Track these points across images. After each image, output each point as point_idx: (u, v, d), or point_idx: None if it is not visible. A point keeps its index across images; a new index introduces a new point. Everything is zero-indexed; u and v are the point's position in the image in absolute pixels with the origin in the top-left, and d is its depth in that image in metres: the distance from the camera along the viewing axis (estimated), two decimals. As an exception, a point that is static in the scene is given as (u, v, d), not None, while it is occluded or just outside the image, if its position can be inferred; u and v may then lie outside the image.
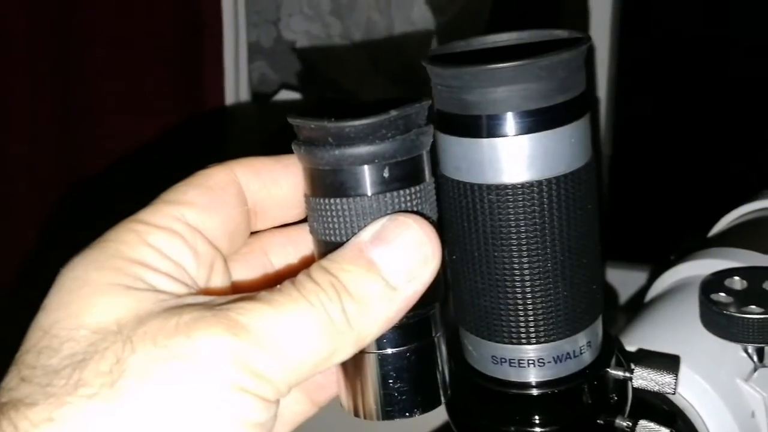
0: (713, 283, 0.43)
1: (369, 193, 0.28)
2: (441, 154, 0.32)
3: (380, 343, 0.29)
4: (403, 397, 0.29)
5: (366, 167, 0.28)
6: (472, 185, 0.31)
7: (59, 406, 0.22)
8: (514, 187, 0.30)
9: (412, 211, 0.28)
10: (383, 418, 0.30)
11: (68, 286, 0.25)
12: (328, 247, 0.28)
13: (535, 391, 0.33)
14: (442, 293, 0.30)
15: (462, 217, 0.32)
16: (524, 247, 0.31)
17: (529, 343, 0.33)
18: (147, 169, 0.87)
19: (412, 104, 0.28)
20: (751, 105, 1.05)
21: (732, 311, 0.41)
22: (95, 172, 0.95)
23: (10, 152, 0.98)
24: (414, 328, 0.29)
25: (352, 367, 0.30)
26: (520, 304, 0.32)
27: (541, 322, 0.32)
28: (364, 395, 0.30)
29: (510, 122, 0.29)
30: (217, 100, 0.95)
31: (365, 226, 0.27)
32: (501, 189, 0.30)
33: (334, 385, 0.32)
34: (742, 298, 0.41)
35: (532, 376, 0.33)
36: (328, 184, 0.28)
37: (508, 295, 0.32)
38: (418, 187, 0.29)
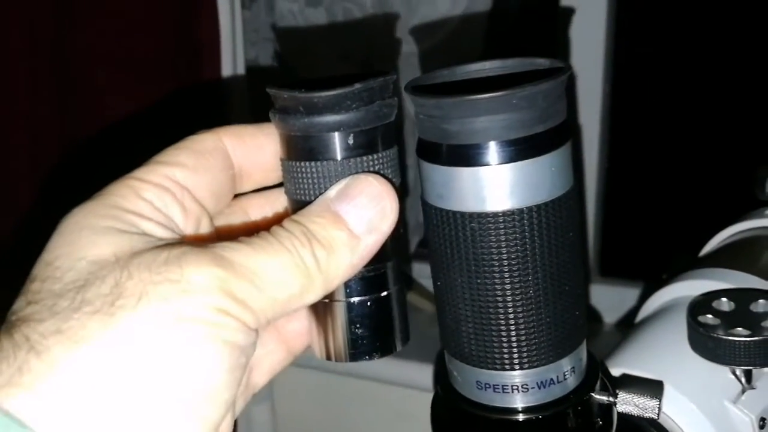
0: (701, 304, 0.43)
1: (336, 158, 0.31)
2: (423, 182, 0.32)
3: (346, 292, 0.32)
4: (365, 341, 0.33)
5: (333, 134, 0.31)
6: (454, 213, 0.31)
7: (65, 320, 0.25)
8: (495, 215, 0.30)
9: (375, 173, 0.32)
10: (349, 360, 0.33)
11: (70, 229, 0.28)
12: (299, 205, 0.31)
13: (520, 417, 0.34)
14: (398, 252, 0.34)
15: (445, 244, 0.32)
16: (507, 275, 0.31)
17: (513, 369, 0.33)
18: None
19: (376, 78, 0.31)
20: (745, 123, 1.06)
21: (719, 334, 0.41)
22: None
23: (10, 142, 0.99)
24: (374, 280, 0.33)
25: (323, 314, 0.33)
26: (504, 331, 0.32)
27: (525, 349, 0.32)
28: (334, 339, 0.33)
29: (491, 151, 0.30)
30: (217, 117, 0.95)
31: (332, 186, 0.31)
32: (483, 217, 0.31)
33: (307, 335, 0.35)
34: (729, 320, 0.42)
35: (517, 401, 0.34)
36: (299, 149, 0.31)
37: (492, 321, 0.32)
38: (380, 154, 0.32)
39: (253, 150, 0.34)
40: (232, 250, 0.27)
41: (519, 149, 0.30)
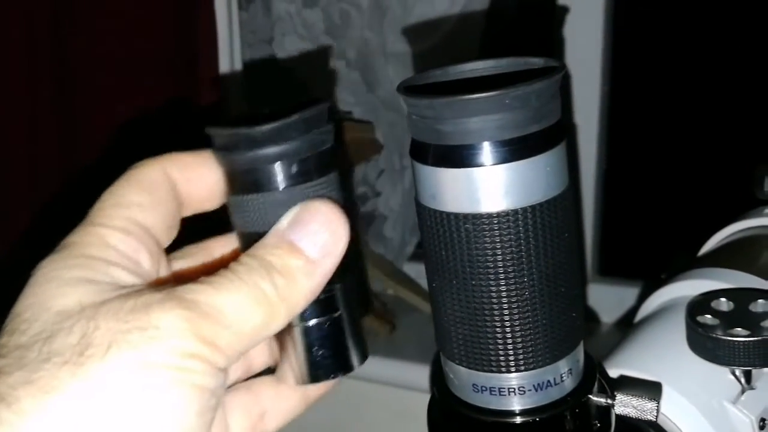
0: (700, 304, 0.43)
1: (281, 187, 0.32)
2: (417, 183, 0.32)
3: (303, 316, 0.33)
4: (326, 361, 0.34)
5: (275, 165, 0.32)
6: (448, 214, 0.31)
7: (35, 371, 0.25)
8: (490, 216, 0.30)
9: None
10: (311, 382, 0.34)
11: (38, 281, 0.29)
12: (250, 237, 0.32)
13: (517, 419, 0.33)
14: (353, 270, 0.34)
15: (439, 245, 0.32)
16: (502, 276, 0.31)
17: (509, 372, 0.32)
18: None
19: (311, 108, 0.32)
20: (743, 122, 1.05)
21: (718, 334, 0.40)
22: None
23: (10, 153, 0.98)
24: (327, 302, 0.33)
25: (284, 340, 0.34)
26: (499, 333, 0.32)
27: (521, 351, 0.32)
28: (296, 363, 0.34)
29: (485, 152, 0.29)
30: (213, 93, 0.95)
31: (281, 215, 0.31)
32: (477, 218, 0.30)
33: (322, 386, 0.35)
34: (728, 320, 0.41)
35: (514, 404, 0.33)
36: (244, 182, 0.32)
37: (487, 323, 0.32)
38: (324, 179, 0.33)
39: (194, 178, 0.34)
40: (195, 292, 0.27)
41: (513, 149, 0.29)
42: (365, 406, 1.14)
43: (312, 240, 0.30)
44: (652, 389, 0.36)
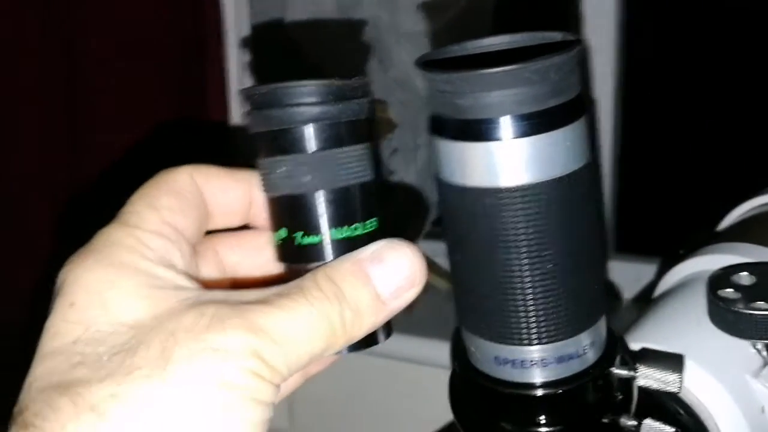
0: (721, 278, 0.43)
1: (312, 149, 0.32)
2: (436, 158, 0.32)
3: None
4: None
5: (311, 126, 0.32)
6: (469, 189, 0.31)
7: (118, 384, 0.26)
8: (510, 190, 0.30)
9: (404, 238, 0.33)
10: (348, 352, 0.34)
11: (95, 287, 0.29)
12: (280, 201, 0.33)
13: (539, 392, 0.33)
14: None
15: (461, 220, 0.32)
16: (524, 250, 0.31)
17: (531, 344, 0.33)
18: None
19: (351, 79, 0.32)
20: (761, 99, 1.04)
21: (740, 307, 0.40)
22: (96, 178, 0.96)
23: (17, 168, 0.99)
24: None
25: None
26: (521, 306, 0.32)
27: (543, 323, 0.32)
28: None
29: (505, 126, 0.29)
30: (220, 100, 0.95)
31: (310, 178, 0.32)
32: (498, 192, 0.30)
33: (321, 363, 0.36)
34: (750, 294, 0.41)
35: (536, 376, 0.33)
36: (277, 143, 0.32)
37: (509, 297, 0.32)
38: (356, 147, 0.33)
39: (218, 192, 0.35)
40: (265, 316, 0.28)
41: (533, 123, 0.29)
42: (384, 382, 1.16)
43: (388, 280, 0.31)
44: (674, 361, 0.36)
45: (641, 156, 1.09)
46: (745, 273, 0.42)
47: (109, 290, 0.29)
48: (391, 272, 0.31)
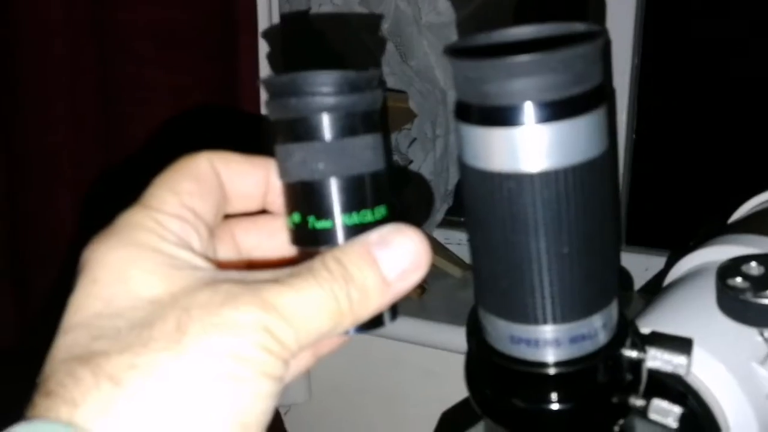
0: (730, 268, 0.44)
1: (328, 138, 0.33)
2: (461, 143, 0.33)
3: None
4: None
5: (326, 114, 0.33)
6: (491, 173, 0.32)
7: (137, 355, 0.28)
8: (531, 175, 0.31)
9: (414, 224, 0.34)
10: (355, 332, 0.35)
11: (117, 266, 0.31)
12: (294, 188, 0.34)
13: (551, 370, 0.35)
14: None
15: (481, 203, 0.33)
16: (542, 233, 0.32)
17: (545, 324, 0.34)
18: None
19: (360, 71, 0.33)
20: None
21: (748, 296, 0.42)
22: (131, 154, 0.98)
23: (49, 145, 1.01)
24: None
25: None
26: (537, 287, 0.33)
27: (558, 304, 0.33)
28: None
29: (528, 112, 0.31)
30: (253, 90, 0.97)
31: (324, 165, 0.33)
32: (519, 177, 0.31)
33: (331, 343, 0.38)
34: (758, 284, 0.42)
35: (549, 355, 0.35)
36: (293, 130, 0.34)
37: (526, 278, 0.33)
38: (369, 136, 0.34)
39: (237, 178, 0.36)
40: (276, 294, 0.30)
41: (555, 110, 0.31)
42: (398, 365, 1.18)
43: (394, 263, 0.32)
44: (683, 345, 0.37)
45: (653, 149, 1.10)
46: (754, 263, 0.44)
47: (129, 268, 0.30)
48: (397, 255, 0.32)
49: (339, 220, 0.34)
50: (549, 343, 0.34)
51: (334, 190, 0.34)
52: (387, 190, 0.35)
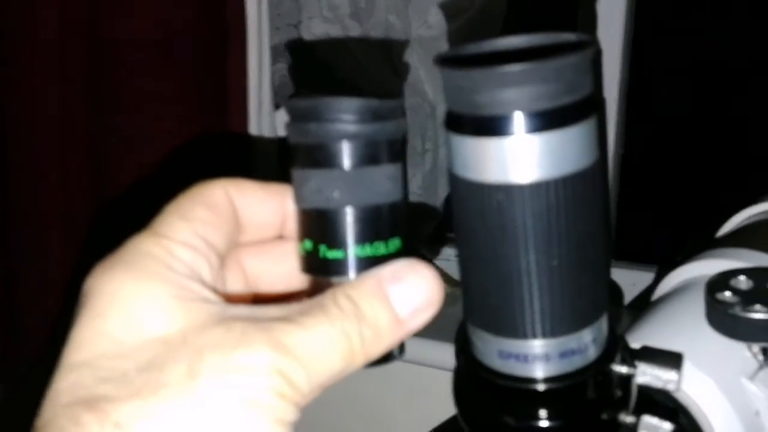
0: (719, 282, 0.44)
1: (347, 166, 0.33)
2: (451, 154, 0.33)
3: None
4: None
5: (347, 143, 0.32)
6: (481, 184, 0.32)
7: (146, 402, 0.26)
8: (521, 186, 0.31)
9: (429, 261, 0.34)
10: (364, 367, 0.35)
11: (123, 298, 0.29)
12: (309, 215, 0.34)
13: (540, 386, 0.34)
14: None
15: (471, 215, 0.33)
16: (531, 246, 0.32)
17: (534, 339, 0.33)
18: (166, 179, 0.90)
19: (384, 101, 0.33)
20: (760, 108, 1.05)
21: (737, 311, 0.41)
22: (122, 174, 0.97)
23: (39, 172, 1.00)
24: None
25: None
26: (527, 301, 0.33)
27: (548, 318, 0.33)
28: None
29: (519, 122, 0.30)
30: (241, 101, 0.96)
31: (340, 195, 0.33)
32: (509, 188, 0.31)
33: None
34: (747, 298, 0.42)
35: (538, 371, 0.34)
36: (312, 156, 0.33)
37: (515, 291, 0.33)
38: (389, 166, 0.34)
39: (252, 206, 0.35)
40: (289, 334, 0.29)
41: (546, 120, 0.30)
42: (384, 382, 1.17)
43: (407, 301, 0.31)
44: (673, 360, 0.36)
45: (640, 165, 1.10)
46: (743, 277, 0.43)
47: (135, 301, 0.29)
48: (410, 292, 0.32)
49: (351, 250, 0.33)
50: (538, 358, 0.34)
51: (349, 219, 0.33)
52: (403, 222, 0.35)
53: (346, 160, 0.33)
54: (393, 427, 1.20)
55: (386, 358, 0.33)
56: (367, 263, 0.33)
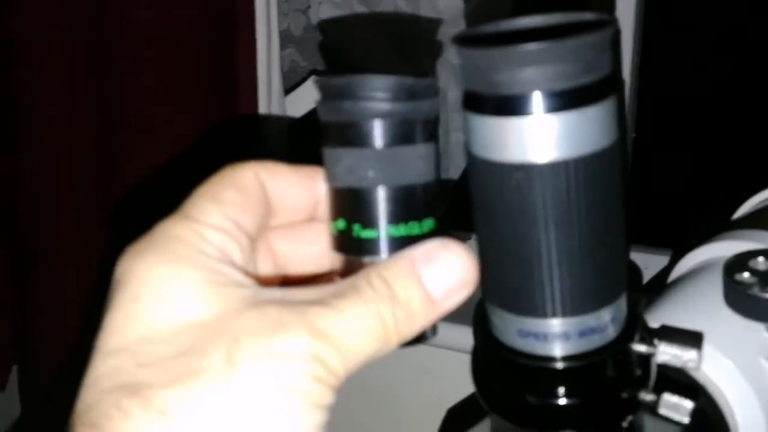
0: (737, 263, 0.44)
1: (380, 145, 0.32)
2: (469, 133, 0.33)
3: None
4: None
5: (382, 121, 0.32)
6: (500, 164, 0.32)
7: (188, 389, 0.27)
8: (540, 165, 0.31)
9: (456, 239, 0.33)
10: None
11: (156, 282, 0.29)
12: (341, 193, 0.33)
13: (559, 365, 0.34)
14: None
15: (490, 195, 0.33)
16: (551, 225, 0.32)
17: (554, 317, 0.33)
18: (182, 168, 0.90)
19: (419, 79, 0.32)
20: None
21: (756, 291, 0.41)
22: (132, 166, 0.97)
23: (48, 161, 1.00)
24: None
25: None
26: (546, 280, 0.33)
27: (567, 297, 0.33)
28: None
29: (538, 102, 0.30)
30: (251, 88, 0.96)
31: (374, 174, 0.32)
32: (528, 168, 0.31)
33: None
34: (765, 279, 0.42)
35: (557, 349, 0.34)
36: (345, 134, 0.33)
37: (535, 270, 0.33)
38: (422, 146, 0.33)
39: (284, 190, 0.35)
40: (324, 318, 0.29)
41: (565, 99, 0.30)
42: (398, 363, 1.17)
43: (440, 281, 0.31)
44: (693, 339, 0.36)
45: (653, 148, 1.10)
46: (762, 258, 0.43)
47: (170, 285, 0.29)
48: (443, 273, 0.31)
49: (385, 230, 0.33)
50: (558, 337, 0.34)
51: (382, 199, 0.33)
52: (436, 202, 0.35)
53: (380, 139, 0.32)
54: (408, 409, 1.21)
55: (419, 339, 0.33)
56: (401, 243, 0.33)
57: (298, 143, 1.04)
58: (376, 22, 1.02)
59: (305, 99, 1.04)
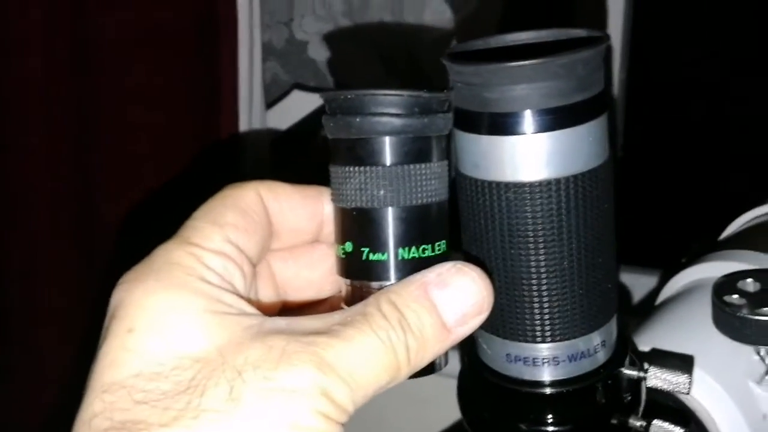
0: (726, 284, 0.43)
1: (389, 163, 0.30)
2: (459, 152, 0.32)
3: None
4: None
5: (392, 138, 0.30)
6: (490, 183, 0.31)
7: (187, 428, 0.25)
8: (531, 185, 0.30)
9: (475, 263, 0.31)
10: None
11: (155, 312, 0.28)
12: (348, 214, 0.31)
13: (548, 390, 0.33)
14: None
15: (480, 214, 0.32)
16: (541, 246, 0.31)
17: (543, 342, 0.33)
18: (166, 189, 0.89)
19: (430, 92, 0.31)
20: (762, 110, 1.05)
21: (745, 313, 0.41)
22: (112, 178, 0.96)
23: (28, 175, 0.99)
24: None
25: None
26: (536, 303, 0.32)
27: (557, 321, 0.32)
28: None
29: (529, 120, 0.30)
30: (232, 99, 0.95)
31: (384, 194, 0.30)
32: (519, 187, 0.30)
33: None
34: (755, 300, 0.41)
35: (546, 374, 0.33)
36: (353, 152, 0.31)
37: (524, 293, 0.32)
38: (435, 164, 0.31)
39: (287, 210, 0.33)
40: (332, 350, 0.27)
41: (557, 118, 0.30)
42: (386, 391, 1.16)
43: (454, 306, 0.29)
44: (684, 362, 0.36)
45: (641, 167, 1.10)
46: (751, 279, 0.43)
47: (169, 315, 0.27)
48: (457, 298, 0.29)
49: (395, 253, 0.31)
50: (547, 362, 0.33)
51: (393, 220, 0.31)
52: (448, 223, 0.33)
53: (392, 157, 0.30)
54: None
55: (430, 369, 0.31)
56: (412, 266, 0.31)
57: (280, 157, 1.03)
58: (361, 34, 1.02)
59: (287, 112, 1.03)
